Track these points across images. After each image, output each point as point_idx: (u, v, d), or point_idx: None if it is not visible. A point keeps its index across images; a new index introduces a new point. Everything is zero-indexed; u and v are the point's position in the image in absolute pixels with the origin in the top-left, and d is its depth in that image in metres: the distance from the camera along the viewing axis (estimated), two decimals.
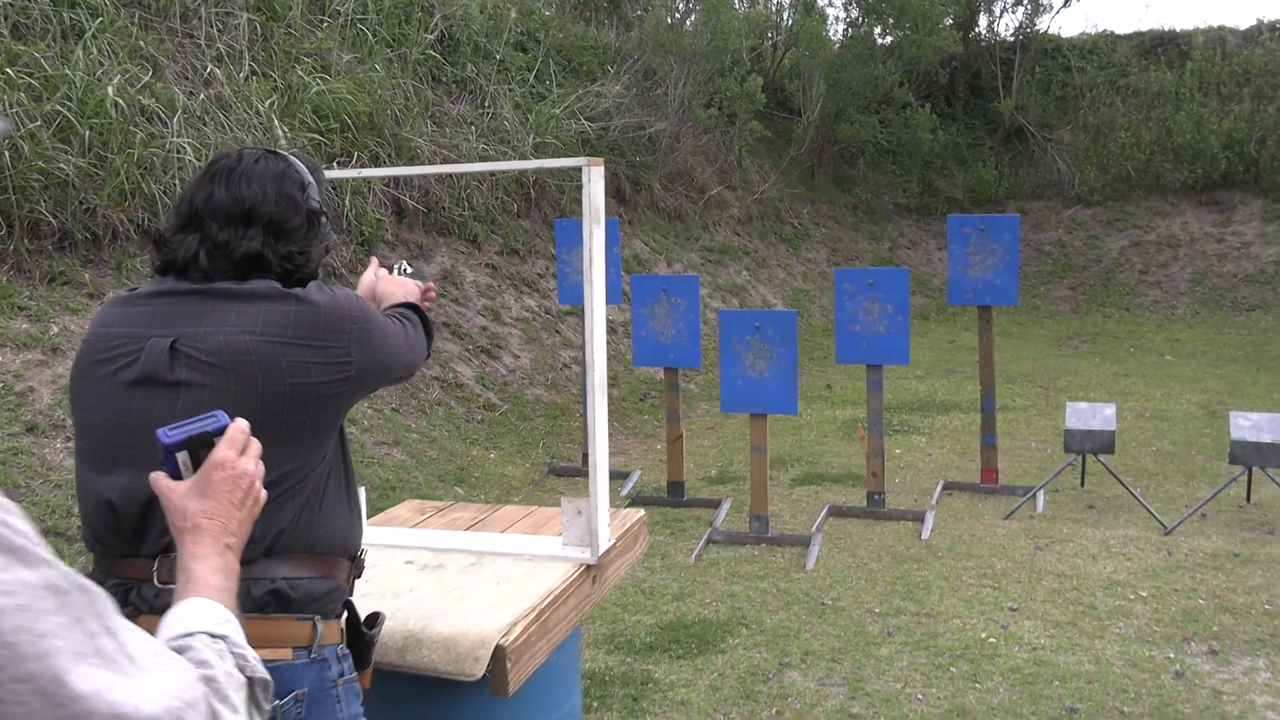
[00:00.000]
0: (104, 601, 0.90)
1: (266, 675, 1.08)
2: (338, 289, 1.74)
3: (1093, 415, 5.91)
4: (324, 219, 1.78)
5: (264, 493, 1.32)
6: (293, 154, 1.80)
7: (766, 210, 13.98)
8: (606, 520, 2.42)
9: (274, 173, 1.73)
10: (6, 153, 5.45)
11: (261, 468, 1.31)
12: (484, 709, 2.15)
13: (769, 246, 13.55)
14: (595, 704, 3.81)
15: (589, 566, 2.38)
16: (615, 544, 2.50)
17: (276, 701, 1.60)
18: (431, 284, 2.23)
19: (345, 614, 1.79)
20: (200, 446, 1.29)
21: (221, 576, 1.19)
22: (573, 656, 2.40)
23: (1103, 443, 5.82)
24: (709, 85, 12.48)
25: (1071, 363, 11.08)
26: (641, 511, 2.77)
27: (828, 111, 14.82)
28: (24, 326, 5.26)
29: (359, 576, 1.83)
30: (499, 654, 2.00)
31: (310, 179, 1.78)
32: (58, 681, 0.82)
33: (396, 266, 2.28)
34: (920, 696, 3.83)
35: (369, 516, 2.85)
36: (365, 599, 2.16)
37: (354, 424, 6.31)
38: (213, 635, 1.07)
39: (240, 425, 1.30)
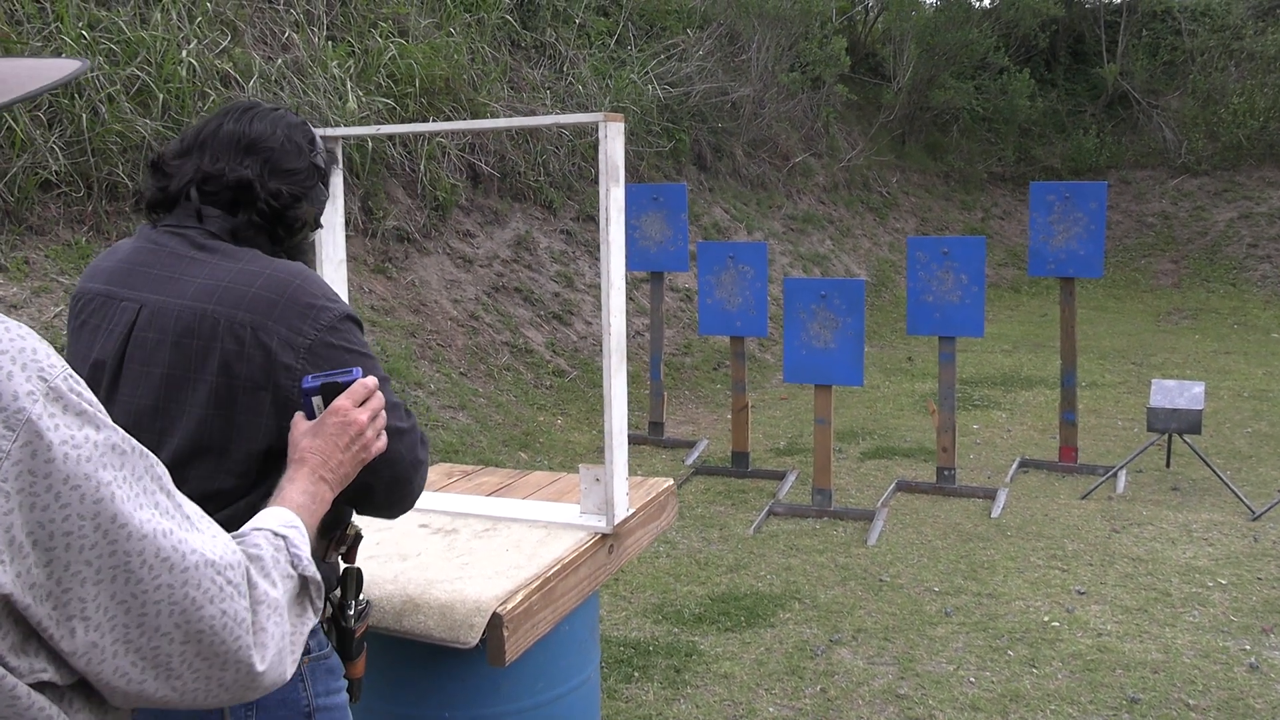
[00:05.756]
0: (161, 468, 1.02)
1: (318, 576, 1.20)
2: (334, 294, 1.63)
3: (1179, 393, 5.64)
4: (323, 186, 1.71)
5: (380, 442, 1.49)
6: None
7: (854, 178, 13.68)
8: (624, 489, 2.35)
9: (289, 121, 1.69)
10: (85, 116, 5.58)
11: (382, 420, 1.50)
12: (486, 678, 2.11)
13: (855, 215, 13.26)
14: (636, 674, 3.77)
15: (604, 535, 2.32)
16: (635, 513, 2.43)
17: None
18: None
19: (338, 588, 1.73)
20: (332, 394, 1.46)
21: (307, 498, 1.35)
22: (588, 627, 2.34)
23: (1188, 422, 5.55)
24: (793, 50, 12.21)
25: (1169, 339, 10.63)
26: (669, 481, 2.69)
27: (920, 77, 14.39)
28: None
29: (349, 548, 1.76)
30: (495, 622, 1.95)
31: (320, 143, 1.73)
32: (115, 520, 0.94)
33: None
34: (973, 679, 3.70)
35: None
36: (371, 562, 2.13)
37: (420, 387, 6.35)
38: (275, 533, 1.20)
39: (365, 382, 1.48)
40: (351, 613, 1.71)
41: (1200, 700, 3.54)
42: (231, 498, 1.54)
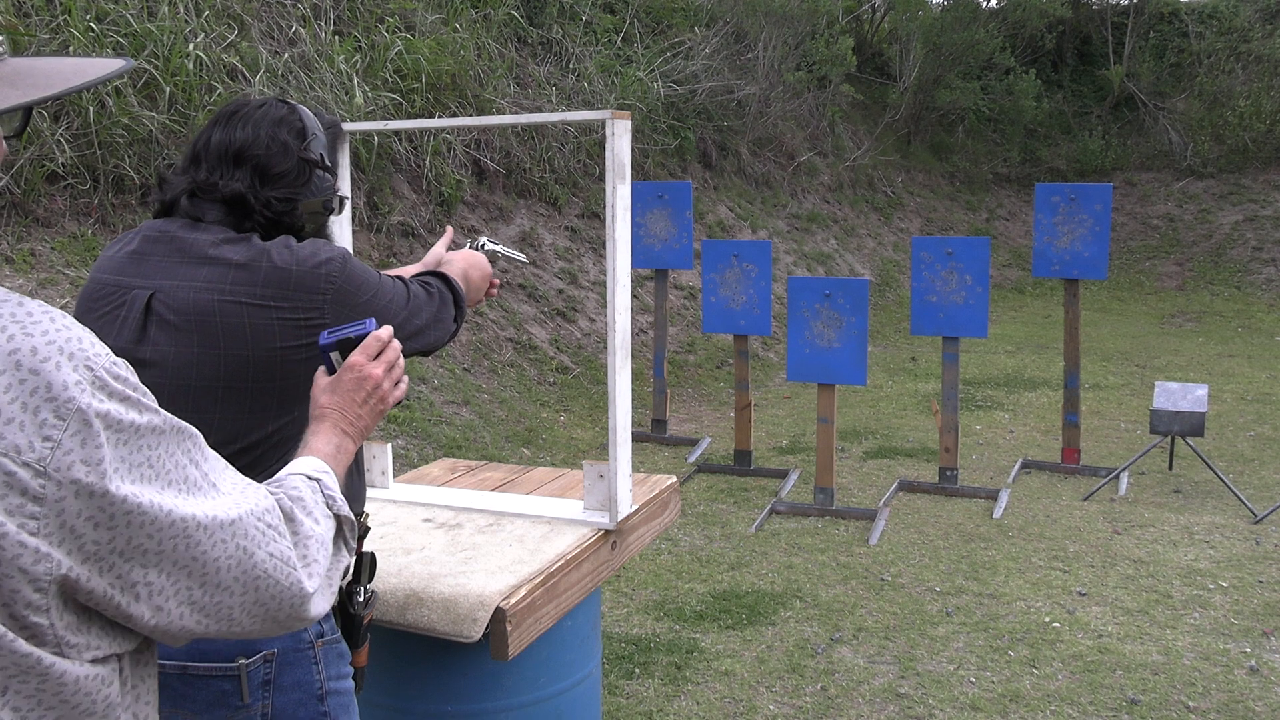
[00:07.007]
0: (196, 438, 1.07)
1: (351, 516, 1.28)
2: (323, 244, 1.69)
3: (1182, 396, 5.64)
4: (323, 173, 1.73)
5: (399, 390, 1.53)
6: (306, 108, 1.77)
7: (858, 178, 13.67)
8: (627, 485, 2.36)
9: (273, 118, 1.70)
10: (92, 108, 5.59)
11: (399, 369, 1.53)
12: (489, 672, 2.12)
13: (859, 215, 13.26)
14: (637, 670, 3.77)
15: (607, 532, 2.33)
16: (639, 510, 2.43)
17: (243, 660, 1.58)
18: (495, 280, 2.18)
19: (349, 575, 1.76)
20: (348, 348, 1.51)
21: (332, 448, 1.41)
22: (590, 623, 2.35)
23: (1192, 425, 5.55)
24: (800, 49, 12.21)
25: (1173, 341, 10.62)
26: (672, 478, 2.70)
27: (926, 77, 14.37)
28: None
29: (360, 538, 1.78)
30: (499, 616, 1.96)
31: (317, 132, 1.74)
32: (161, 507, 0.98)
33: (475, 241, 2.29)
34: (973, 679, 3.71)
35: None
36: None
37: (423, 382, 6.36)
38: (309, 477, 1.27)
39: (379, 335, 1.51)
40: (361, 599, 1.73)
41: (1200, 702, 3.54)
42: (278, 453, 1.64)
